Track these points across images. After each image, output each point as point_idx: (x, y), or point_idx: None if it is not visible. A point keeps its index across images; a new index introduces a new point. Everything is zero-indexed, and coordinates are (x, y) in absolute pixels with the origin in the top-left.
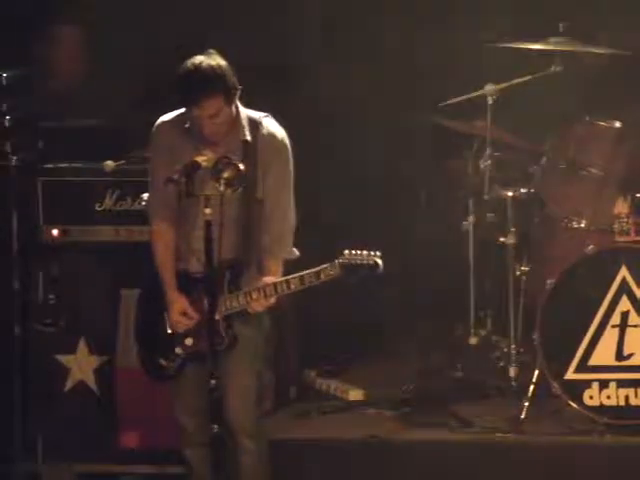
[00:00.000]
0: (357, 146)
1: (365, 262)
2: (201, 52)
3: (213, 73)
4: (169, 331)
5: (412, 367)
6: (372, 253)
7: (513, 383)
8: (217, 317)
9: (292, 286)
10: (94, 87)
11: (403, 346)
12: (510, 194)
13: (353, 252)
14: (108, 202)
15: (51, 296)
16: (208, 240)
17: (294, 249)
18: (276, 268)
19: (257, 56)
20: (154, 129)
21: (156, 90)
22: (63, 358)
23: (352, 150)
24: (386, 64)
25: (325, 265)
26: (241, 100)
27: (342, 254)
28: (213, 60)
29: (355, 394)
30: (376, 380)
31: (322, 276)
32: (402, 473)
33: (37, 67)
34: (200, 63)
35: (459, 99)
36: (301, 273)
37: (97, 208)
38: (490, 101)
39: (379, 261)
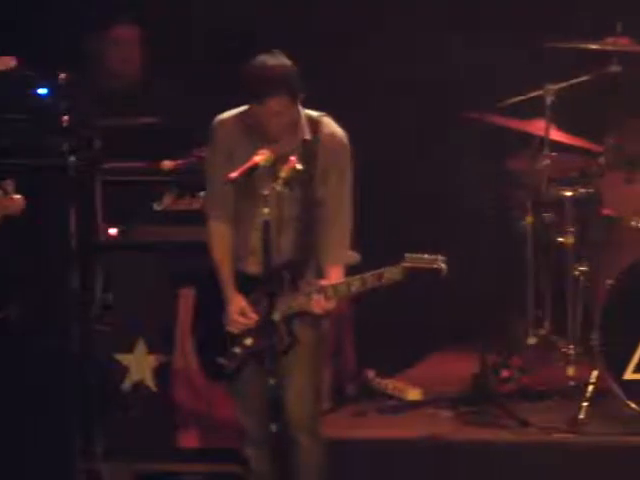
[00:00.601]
0: (415, 146)
1: (429, 267)
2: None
3: (281, 72)
4: (228, 331)
5: (470, 367)
6: (436, 257)
7: (571, 383)
8: (277, 318)
9: (353, 288)
10: (153, 86)
11: (461, 346)
12: (568, 194)
13: (416, 256)
14: (166, 201)
15: (109, 295)
16: (266, 240)
17: (355, 253)
18: (337, 273)
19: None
20: (213, 127)
21: (215, 89)
22: (121, 357)
23: (410, 150)
24: (445, 64)
25: (388, 268)
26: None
27: (405, 258)
28: (280, 60)
29: (413, 393)
30: (434, 379)
31: (384, 279)
32: (460, 473)
33: (95, 67)
34: (268, 62)
35: (518, 99)
36: (363, 275)
37: (155, 207)
38: (548, 101)
39: (443, 266)
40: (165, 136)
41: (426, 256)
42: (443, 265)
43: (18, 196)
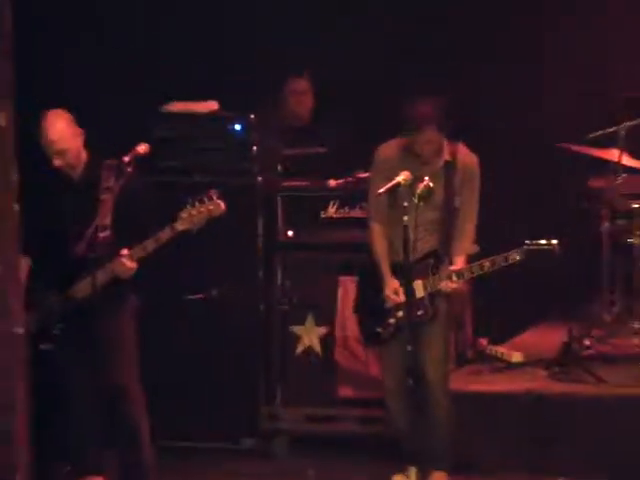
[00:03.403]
0: (527, 169)
1: (546, 247)
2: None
3: (434, 109)
4: (386, 305)
5: (560, 336)
6: (550, 241)
7: (637, 350)
8: (423, 294)
9: (485, 268)
10: (321, 122)
11: (555, 320)
12: (636, 206)
13: (534, 241)
14: (330, 211)
15: (287, 282)
16: (405, 240)
17: (476, 245)
18: (462, 259)
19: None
20: (377, 153)
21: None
22: (295, 328)
23: (523, 171)
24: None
25: (513, 250)
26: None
27: (525, 242)
28: (433, 99)
29: (517, 357)
30: (533, 346)
31: (510, 259)
32: (551, 419)
33: (279, 110)
34: (424, 99)
35: (600, 133)
36: (492, 257)
37: (322, 215)
38: (622, 134)
39: (557, 247)
40: (330, 161)
41: (542, 241)
42: (557, 246)
43: (220, 202)
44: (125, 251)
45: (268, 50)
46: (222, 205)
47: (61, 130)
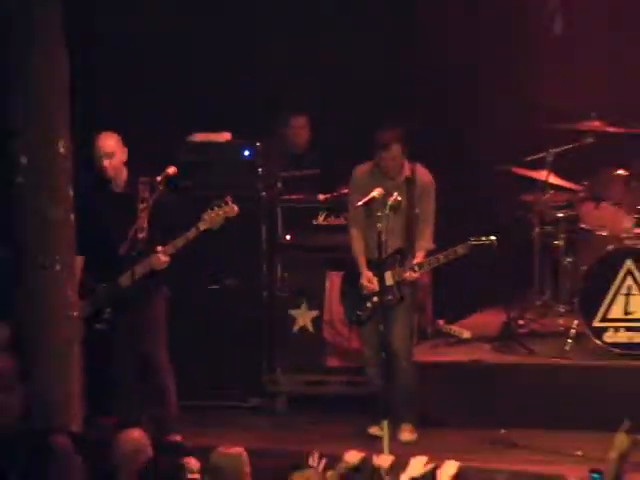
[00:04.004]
0: (470, 182)
1: (486, 242)
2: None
3: (398, 131)
4: (363, 293)
5: (500, 317)
6: (489, 237)
7: (561, 329)
8: (392, 283)
9: (440, 260)
10: (316, 149)
11: (496, 305)
12: (561, 215)
13: (477, 237)
14: (320, 219)
15: (285, 275)
16: (379, 241)
17: (433, 243)
18: (422, 254)
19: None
20: (353, 174)
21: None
22: (292, 312)
23: (467, 184)
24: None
25: (460, 245)
26: None
27: (469, 238)
28: (396, 126)
29: (466, 333)
30: (479, 325)
31: (459, 253)
32: (494, 383)
33: (280, 140)
34: (391, 126)
35: (535, 157)
36: (445, 252)
37: (313, 222)
38: (549, 158)
39: (495, 242)
40: (321, 179)
41: (483, 238)
42: (495, 242)
43: (235, 205)
44: (160, 248)
45: (281, 87)
46: (236, 208)
47: (112, 139)
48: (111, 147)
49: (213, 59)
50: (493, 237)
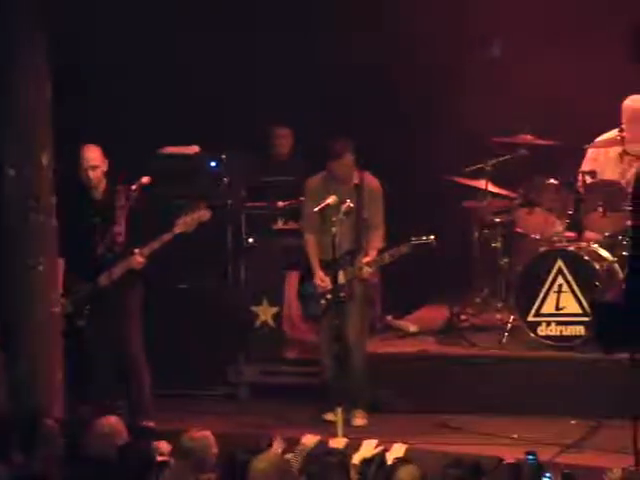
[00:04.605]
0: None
1: (427, 242)
2: None
3: (349, 142)
4: (318, 291)
5: (444, 312)
6: (429, 237)
7: (499, 323)
8: (342, 281)
9: (387, 259)
10: (298, 157)
11: (440, 301)
12: (498, 220)
13: (418, 238)
14: (279, 224)
15: (249, 274)
16: (333, 243)
17: (382, 244)
18: (374, 253)
19: None
20: (307, 184)
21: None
22: (255, 308)
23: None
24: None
25: (403, 245)
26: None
27: (411, 238)
28: (346, 140)
29: (413, 327)
30: (425, 319)
31: (402, 251)
32: (438, 371)
33: (267, 148)
34: (342, 140)
35: (474, 167)
36: (390, 251)
37: (273, 227)
38: (487, 169)
39: (434, 242)
40: (284, 188)
41: (424, 237)
42: (433, 241)
43: (207, 211)
44: (137, 250)
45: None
46: (208, 213)
47: (96, 152)
48: (96, 159)
49: (196, 78)
50: (432, 236)
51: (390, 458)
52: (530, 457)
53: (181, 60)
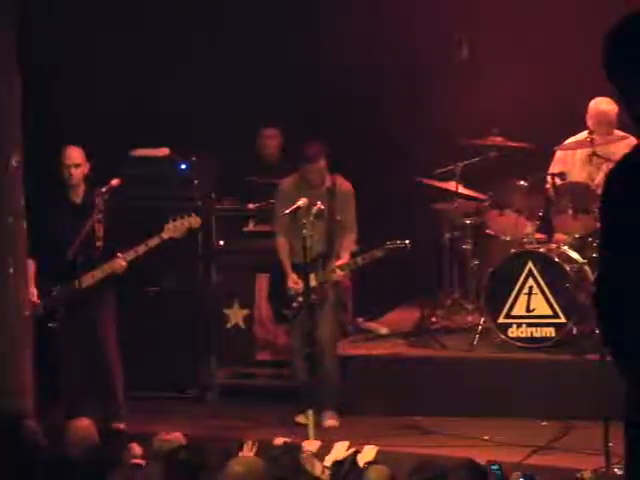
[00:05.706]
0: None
1: (402, 246)
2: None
3: (322, 147)
4: (289, 293)
5: (415, 315)
6: (403, 241)
7: (469, 325)
8: (315, 284)
9: (359, 263)
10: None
11: (410, 303)
12: (468, 222)
13: (392, 242)
14: (250, 226)
15: (219, 277)
16: (304, 246)
17: (355, 246)
18: (347, 256)
19: None
20: (279, 187)
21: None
22: (226, 310)
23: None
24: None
25: (378, 248)
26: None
27: (386, 243)
28: (320, 144)
29: (384, 330)
30: (395, 322)
31: (377, 255)
32: (408, 373)
33: (256, 150)
34: (316, 143)
35: (444, 169)
36: (363, 255)
37: (244, 229)
38: (458, 171)
39: (408, 245)
40: (257, 189)
41: (398, 241)
42: (408, 245)
43: (198, 217)
44: (120, 254)
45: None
46: (199, 220)
47: (78, 151)
48: (78, 158)
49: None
50: (407, 241)
51: (362, 461)
52: (494, 467)
53: (149, 61)
